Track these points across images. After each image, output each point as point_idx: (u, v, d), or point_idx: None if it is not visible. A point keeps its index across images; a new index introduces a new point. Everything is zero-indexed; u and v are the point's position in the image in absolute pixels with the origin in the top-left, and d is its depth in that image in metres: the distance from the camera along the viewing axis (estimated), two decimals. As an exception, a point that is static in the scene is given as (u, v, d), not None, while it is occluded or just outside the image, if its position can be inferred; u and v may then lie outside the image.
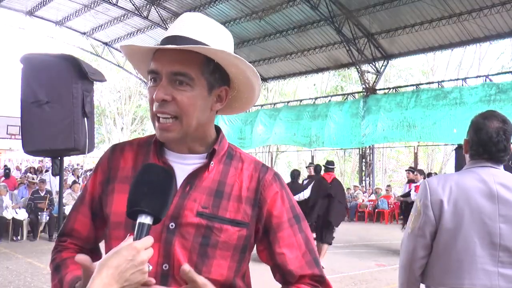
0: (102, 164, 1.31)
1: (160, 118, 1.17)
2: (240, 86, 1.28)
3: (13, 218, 10.22)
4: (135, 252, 0.98)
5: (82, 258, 1.04)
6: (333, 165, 8.64)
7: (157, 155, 1.25)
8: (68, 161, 24.15)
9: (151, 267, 1.03)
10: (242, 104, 1.34)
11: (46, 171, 16.52)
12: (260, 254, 1.30)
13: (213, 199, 1.21)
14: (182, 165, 1.24)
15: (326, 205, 8.00)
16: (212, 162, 1.24)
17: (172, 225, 1.18)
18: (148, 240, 1.02)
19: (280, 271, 1.27)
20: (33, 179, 13.17)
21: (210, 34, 1.20)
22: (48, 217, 10.59)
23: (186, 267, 1.07)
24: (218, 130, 1.32)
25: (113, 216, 1.23)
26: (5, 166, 18.33)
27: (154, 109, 1.17)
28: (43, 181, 11.30)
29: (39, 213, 10.56)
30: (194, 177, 1.22)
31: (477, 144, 2.02)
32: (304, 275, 1.25)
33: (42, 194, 10.92)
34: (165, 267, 1.17)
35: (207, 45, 1.17)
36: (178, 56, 1.15)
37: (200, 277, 1.08)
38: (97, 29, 22.47)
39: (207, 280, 1.10)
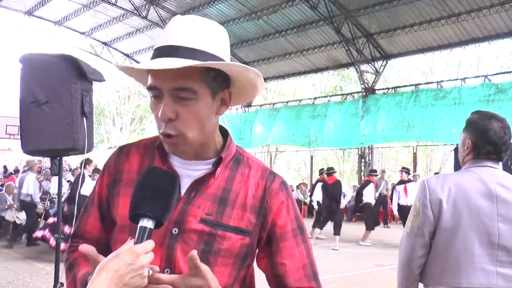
0: (109, 166, 1.31)
1: (167, 134, 1.15)
2: (243, 85, 1.25)
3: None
4: (135, 256, 0.97)
5: (86, 248, 1.04)
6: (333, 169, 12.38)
7: (162, 160, 1.23)
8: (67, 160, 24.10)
9: (151, 272, 1.03)
10: (245, 97, 1.31)
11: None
12: (260, 261, 1.29)
13: (217, 206, 1.20)
14: (188, 171, 1.23)
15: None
16: (218, 169, 1.22)
17: (175, 231, 1.17)
18: (149, 244, 1.01)
19: (277, 281, 1.26)
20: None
21: (206, 38, 1.15)
22: (43, 209, 10.57)
23: (194, 253, 1.05)
24: (226, 133, 1.29)
25: (119, 219, 1.22)
26: (4, 166, 18.32)
27: (160, 128, 1.15)
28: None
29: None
30: (199, 183, 1.21)
31: (488, 144, 2.02)
32: (300, 287, 1.24)
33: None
34: (167, 271, 1.16)
35: (204, 51, 1.13)
36: (177, 70, 1.09)
37: (203, 265, 1.07)
38: (96, 29, 22.45)
39: (208, 268, 1.08)
